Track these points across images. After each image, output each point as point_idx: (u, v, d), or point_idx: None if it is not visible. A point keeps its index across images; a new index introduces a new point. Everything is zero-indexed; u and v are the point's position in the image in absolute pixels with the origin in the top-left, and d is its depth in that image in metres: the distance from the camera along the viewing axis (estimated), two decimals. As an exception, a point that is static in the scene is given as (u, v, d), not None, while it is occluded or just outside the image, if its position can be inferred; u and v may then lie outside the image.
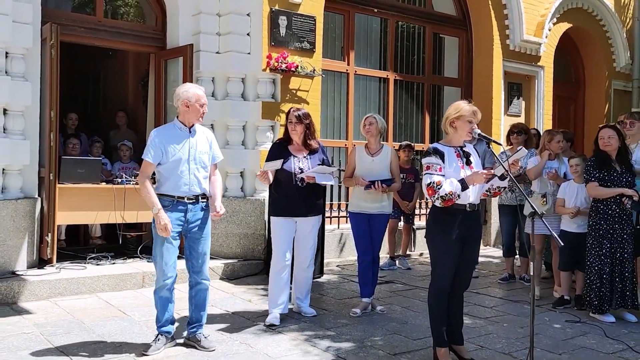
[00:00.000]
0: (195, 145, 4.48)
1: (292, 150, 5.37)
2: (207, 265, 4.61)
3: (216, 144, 4.72)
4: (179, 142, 4.43)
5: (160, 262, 4.40)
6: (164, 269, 4.40)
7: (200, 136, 4.56)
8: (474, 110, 4.20)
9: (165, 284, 4.42)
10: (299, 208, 5.28)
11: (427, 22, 9.80)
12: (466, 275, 4.32)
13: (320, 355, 4.41)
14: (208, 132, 4.70)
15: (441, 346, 4.23)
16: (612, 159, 5.52)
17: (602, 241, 5.44)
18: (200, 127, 4.64)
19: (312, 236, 5.42)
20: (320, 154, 5.47)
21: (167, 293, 4.47)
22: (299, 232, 5.36)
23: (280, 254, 5.28)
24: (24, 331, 4.84)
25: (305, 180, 5.20)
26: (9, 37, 5.95)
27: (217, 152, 4.69)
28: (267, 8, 7.42)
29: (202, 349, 4.44)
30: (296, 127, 5.30)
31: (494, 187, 4.22)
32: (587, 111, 11.84)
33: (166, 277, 4.41)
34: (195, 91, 4.48)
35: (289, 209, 5.28)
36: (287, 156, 5.31)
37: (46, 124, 6.36)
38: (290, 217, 5.30)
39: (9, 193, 6.14)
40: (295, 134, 5.33)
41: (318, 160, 5.40)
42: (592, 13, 11.21)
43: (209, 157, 4.58)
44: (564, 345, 4.79)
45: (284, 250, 5.28)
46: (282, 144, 5.44)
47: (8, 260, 5.99)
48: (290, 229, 5.32)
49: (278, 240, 5.30)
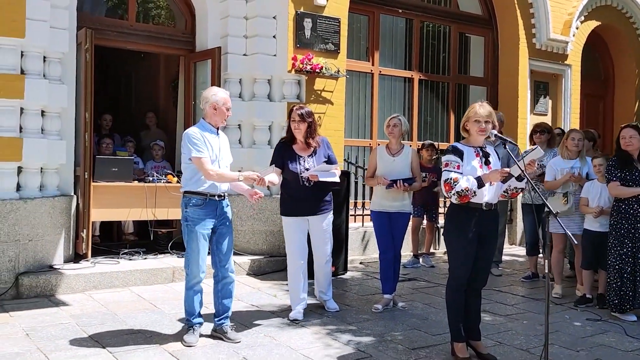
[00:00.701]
0: (221, 146, 4.75)
1: (296, 149, 5.39)
2: (232, 259, 4.84)
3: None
4: (212, 141, 4.67)
5: (197, 257, 4.61)
6: (200, 264, 4.63)
7: (224, 138, 4.87)
8: (485, 111, 4.26)
9: (200, 278, 4.65)
10: (307, 207, 5.37)
11: (453, 21, 9.88)
12: (483, 272, 4.43)
13: (341, 349, 4.57)
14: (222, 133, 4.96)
15: (458, 341, 4.35)
16: (634, 158, 5.56)
17: (623, 240, 5.49)
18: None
19: (326, 232, 5.49)
20: (324, 149, 5.46)
21: (200, 287, 4.71)
22: (312, 230, 5.47)
23: (294, 252, 5.41)
24: (61, 322, 5.10)
25: (310, 179, 5.29)
26: (47, 42, 6.21)
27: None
28: (293, 11, 7.59)
29: (228, 340, 4.64)
30: (299, 125, 5.28)
31: (511, 187, 4.32)
32: (617, 109, 11.76)
33: (201, 271, 4.64)
34: (223, 95, 4.71)
35: (298, 209, 5.38)
36: (292, 156, 5.35)
37: (81, 124, 6.65)
38: (300, 216, 5.40)
39: (46, 191, 6.42)
40: (299, 133, 5.32)
41: (323, 157, 5.41)
42: (622, 10, 11.13)
43: (229, 157, 4.88)
44: (583, 342, 4.87)
45: (297, 249, 5.41)
46: (286, 144, 5.43)
47: (46, 255, 6.27)
48: (302, 228, 5.42)
49: (291, 239, 5.43)
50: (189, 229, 4.61)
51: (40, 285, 5.92)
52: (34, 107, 6.15)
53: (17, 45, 5.97)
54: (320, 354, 4.43)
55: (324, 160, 5.39)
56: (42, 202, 6.19)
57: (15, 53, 5.98)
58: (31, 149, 6.07)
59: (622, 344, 4.82)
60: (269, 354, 4.42)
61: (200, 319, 4.75)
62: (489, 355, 4.38)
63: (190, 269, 4.66)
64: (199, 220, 4.59)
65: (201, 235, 4.60)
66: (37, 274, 5.98)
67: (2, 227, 5.79)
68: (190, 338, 4.60)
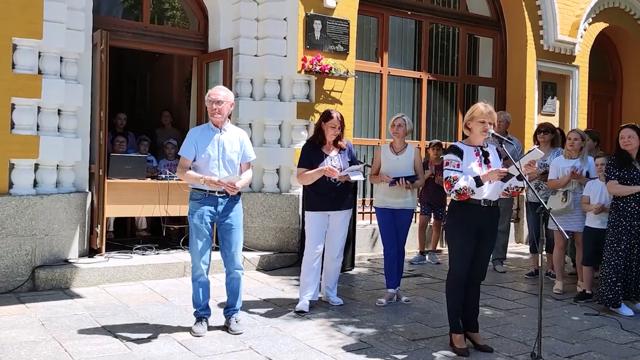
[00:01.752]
0: (225, 145, 4.83)
1: (324, 149, 5.66)
2: (239, 255, 4.96)
3: (249, 144, 5.03)
4: (209, 140, 4.81)
5: (196, 250, 4.80)
6: (200, 256, 4.80)
7: (232, 136, 4.90)
8: (488, 111, 4.43)
9: (201, 270, 4.82)
10: (332, 203, 5.61)
11: (461, 23, 10.01)
12: (482, 266, 4.59)
13: (343, 339, 4.74)
14: (241, 133, 5.03)
15: (457, 332, 4.51)
16: (633, 158, 5.68)
17: (620, 237, 5.61)
18: (234, 127, 5.01)
19: (343, 228, 5.74)
20: (349, 151, 5.78)
21: (204, 279, 4.87)
22: (331, 225, 5.69)
23: (313, 245, 5.62)
24: (75, 313, 5.31)
25: (339, 179, 5.53)
26: (63, 44, 6.43)
27: (249, 152, 5.01)
28: (303, 13, 7.77)
29: (230, 332, 4.81)
30: (337, 126, 5.58)
31: (512, 186, 4.47)
32: (625, 110, 11.82)
33: (200, 264, 4.81)
34: (210, 91, 4.86)
35: (323, 204, 5.60)
36: (320, 156, 5.61)
37: (96, 123, 6.87)
38: (323, 211, 5.63)
39: (62, 187, 6.64)
40: (335, 135, 5.62)
41: (348, 157, 5.72)
42: (630, 12, 11.21)
43: (238, 156, 4.90)
44: (579, 335, 5.00)
45: (317, 242, 5.63)
46: (314, 144, 5.70)
47: (62, 249, 6.49)
48: (323, 223, 5.65)
49: (312, 232, 5.63)
50: (190, 222, 4.81)
51: (56, 278, 6.14)
52: (51, 106, 6.38)
53: (34, 46, 6.20)
54: (323, 344, 4.60)
55: (348, 161, 5.68)
56: (58, 198, 6.41)
57: (33, 54, 6.21)
58: (48, 147, 6.29)
59: (617, 338, 4.95)
60: (274, 344, 4.60)
61: (206, 310, 4.92)
62: (485, 346, 4.54)
63: (193, 262, 4.86)
64: (197, 213, 4.75)
65: (199, 228, 4.75)
66: (53, 267, 6.20)
67: (19, 221, 6.01)
68: (198, 329, 4.78)
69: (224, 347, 4.51)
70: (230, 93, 4.97)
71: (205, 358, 4.26)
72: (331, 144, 5.68)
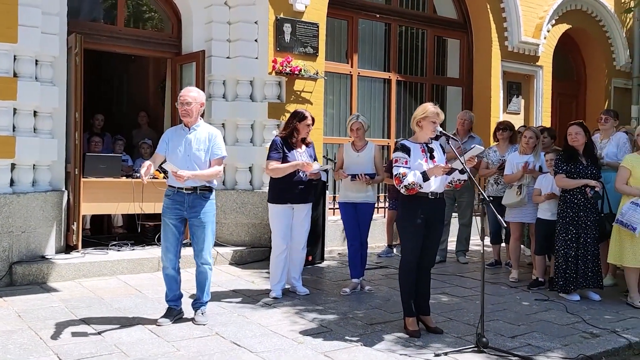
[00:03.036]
0: (192, 143, 5.03)
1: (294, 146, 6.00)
2: (208, 251, 5.14)
3: (219, 142, 5.13)
4: (179, 139, 5.07)
5: (165, 243, 5.07)
6: (166, 251, 5.07)
7: (201, 134, 5.08)
8: (437, 112, 4.78)
9: (166, 263, 5.08)
10: (297, 196, 5.93)
11: (429, 26, 10.35)
12: (431, 253, 4.93)
13: (305, 325, 5.04)
14: (213, 131, 5.16)
15: (409, 316, 4.84)
16: (580, 153, 6.04)
17: (568, 227, 5.97)
18: (207, 126, 5.18)
19: (306, 221, 6.08)
20: (312, 149, 6.16)
21: (172, 272, 5.11)
22: (295, 217, 6.00)
23: (281, 238, 5.94)
24: (51, 305, 5.56)
25: (309, 176, 5.88)
26: (38, 47, 6.65)
27: (217, 149, 5.11)
28: (273, 16, 8.05)
29: (195, 322, 5.05)
30: (310, 125, 6.01)
31: (455, 179, 4.82)
32: (588, 108, 12.24)
33: (167, 257, 5.07)
34: (181, 92, 5.10)
35: (288, 197, 5.92)
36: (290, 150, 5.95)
37: (72, 124, 7.10)
38: (288, 204, 5.94)
39: (39, 186, 6.86)
40: (306, 132, 6.02)
41: (311, 153, 6.08)
42: (592, 14, 11.63)
43: (205, 153, 5.05)
44: (526, 318, 5.35)
45: (283, 235, 5.94)
46: (285, 140, 6.01)
47: (39, 246, 6.72)
48: (288, 215, 5.96)
49: (278, 225, 5.95)
50: (162, 217, 5.08)
51: (33, 274, 6.37)
52: (27, 107, 6.60)
53: (10, 50, 6.42)
54: (286, 329, 4.90)
55: (310, 156, 6.03)
56: (34, 197, 6.64)
57: (8, 57, 6.43)
58: (24, 147, 6.52)
59: (561, 319, 5.31)
60: (239, 329, 4.88)
61: (175, 302, 5.15)
62: (436, 328, 4.89)
63: (161, 255, 5.12)
64: (167, 209, 5.02)
65: (167, 223, 5.00)
66: (30, 263, 6.43)
67: (-4, 219, 6.24)
68: (162, 319, 5.00)
69: (192, 333, 4.79)
70: (201, 93, 5.15)
71: (173, 343, 4.53)
72: (300, 141, 6.01)
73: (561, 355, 4.45)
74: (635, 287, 5.90)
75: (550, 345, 4.64)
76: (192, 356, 4.26)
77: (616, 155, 6.64)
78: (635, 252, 5.79)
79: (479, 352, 4.40)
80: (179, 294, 5.22)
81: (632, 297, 5.87)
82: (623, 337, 4.86)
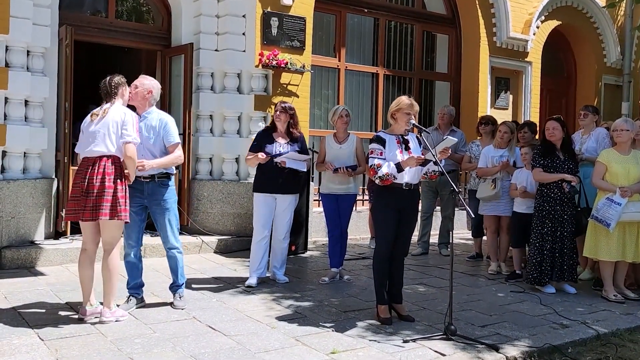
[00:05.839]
0: (143, 130, 4.98)
1: (275, 136, 6.17)
2: (174, 236, 5.19)
3: (169, 128, 5.05)
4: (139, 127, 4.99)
5: (125, 232, 5.14)
6: (127, 238, 5.18)
7: (152, 122, 5.04)
8: (411, 103, 4.91)
9: (129, 250, 5.19)
10: (277, 186, 6.07)
11: (418, 21, 10.49)
12: (404, 243, 5.07)
13: (281, 311, 5.20)
14: (164, 117, 5.11)
15: (382, 304, 4.99)
16: (557, 147, 6.18)
17: (544, 221, 6.11)
18: (158, 113, 5.16)
19: (288, 212, 6.21)
20: (301, 143, 6.26)
21: (134, 259, 5.21)
22: (277, 207, 6.16)
23: (261, 225, 6.09)
24: (37, 288, 5.73)
25: (279, 164, 5.98)
26: (30, 38, 6.81)
27: (168, 136, 5.04)
28: (260, 10, 8.18)
29: (173, 307, 5.19)
30: (280, 115, 6.12)
31: (430, 171, 4.95)
32: (578, 105, 12.28)
33: (128, 244, 5.19)
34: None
35: (269, 186, 6.09)
36: (269, 141, 6.12)
37: (62, 113, 7.24)
38: (270, 193, 6.09)
39: (29, 173, 7.02)
40: (279, 122, 6.14)
41: (297, 148, 6.18)
42: (582, 10, 11.74)
43: (156, 140, 5.02)
44: (498, 309, 5.49)
45: (264, 223, 6.10)
46: (267, 131, 6.24)
47: (28, 231, 6.89)
48: (270, 205, 6.12)
49: (259, 213, 6.11)
50: None
51: (21, 258, 6.54)
52: (18, 97, 6.76)
53: (2, 40, 6.58)
54: (261, 315, 5.05)
55: (297, 151, 6.10)
56: (24, 184, 6.80)
57: (0, 48, 6.58)
58: (14, 135, 6.69)
59: (533, 311, 5.44)
60: (216, 314, 5.04)
61: (136, 290, 5.20)
62: (408, 316, 5.03)
63: (123, 241, 5.16)
64: (130, 197, 4.87)
65: (130, 211, 4.89)
66: (19, 248, 6.60)
67: (-14, 205, 6.40)
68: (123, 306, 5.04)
69: (170, 316, 4.95)
70: (153, 82, 5.18)
71: (151, 325, 4.70)
72: (284, 133, 6.14)
73: (527, 344, 4.55)
74: (610, 280, 6.00)
75: (518, 335, 4.75)
76: (167, 338, 4.42)
77: (596, 150, 6.76)
78: (610, 246, 5.89)
79: (447, 339, 4.53)
80: (140, 282, 5.27)
81: (607, 291, 5.97)
82: (592, 329, 4.97)
